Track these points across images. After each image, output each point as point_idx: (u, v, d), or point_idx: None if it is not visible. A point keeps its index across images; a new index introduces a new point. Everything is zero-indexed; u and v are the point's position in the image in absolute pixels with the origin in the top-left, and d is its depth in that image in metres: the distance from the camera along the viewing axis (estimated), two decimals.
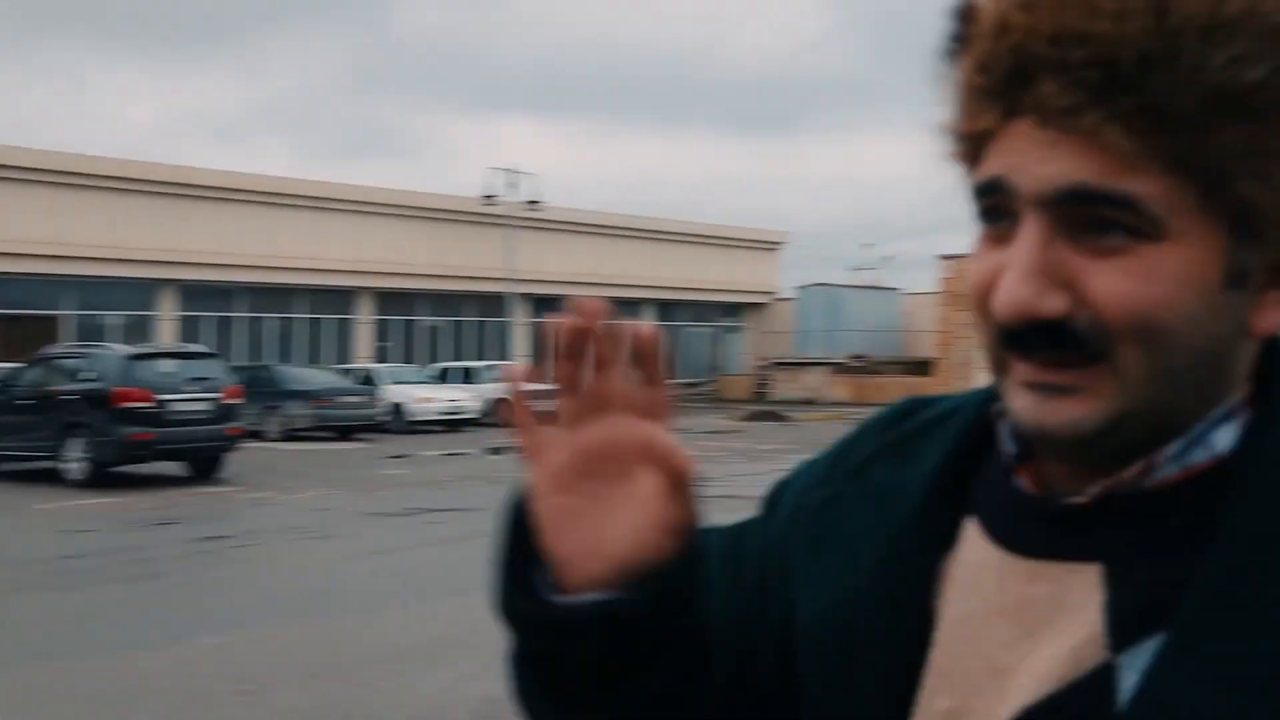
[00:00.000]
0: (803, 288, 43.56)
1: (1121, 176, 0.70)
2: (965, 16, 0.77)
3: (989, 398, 0.87)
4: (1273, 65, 0.69)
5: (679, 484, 0.79)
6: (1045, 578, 0.80)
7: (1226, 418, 0.78)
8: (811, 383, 39.09)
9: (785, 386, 39.56)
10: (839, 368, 39.53)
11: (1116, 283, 0.72)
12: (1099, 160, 0.70)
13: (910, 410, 0.96)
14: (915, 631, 0.83)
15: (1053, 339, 0.73)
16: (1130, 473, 0.78)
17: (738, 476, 17.08)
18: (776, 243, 44.53)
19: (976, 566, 0.83)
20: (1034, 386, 0.76)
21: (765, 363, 41.91)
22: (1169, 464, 0.78)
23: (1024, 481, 0.83)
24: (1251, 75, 0.68)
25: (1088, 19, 0.70)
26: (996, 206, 0.76)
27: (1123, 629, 0.76)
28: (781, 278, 45.36)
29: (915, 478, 0.88)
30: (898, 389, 37.25)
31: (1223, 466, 0.77)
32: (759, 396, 39.37)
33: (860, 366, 39.74)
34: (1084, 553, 0.79)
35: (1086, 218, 0.72)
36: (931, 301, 38.38)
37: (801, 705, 0.88)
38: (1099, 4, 0.70)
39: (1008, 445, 0.84)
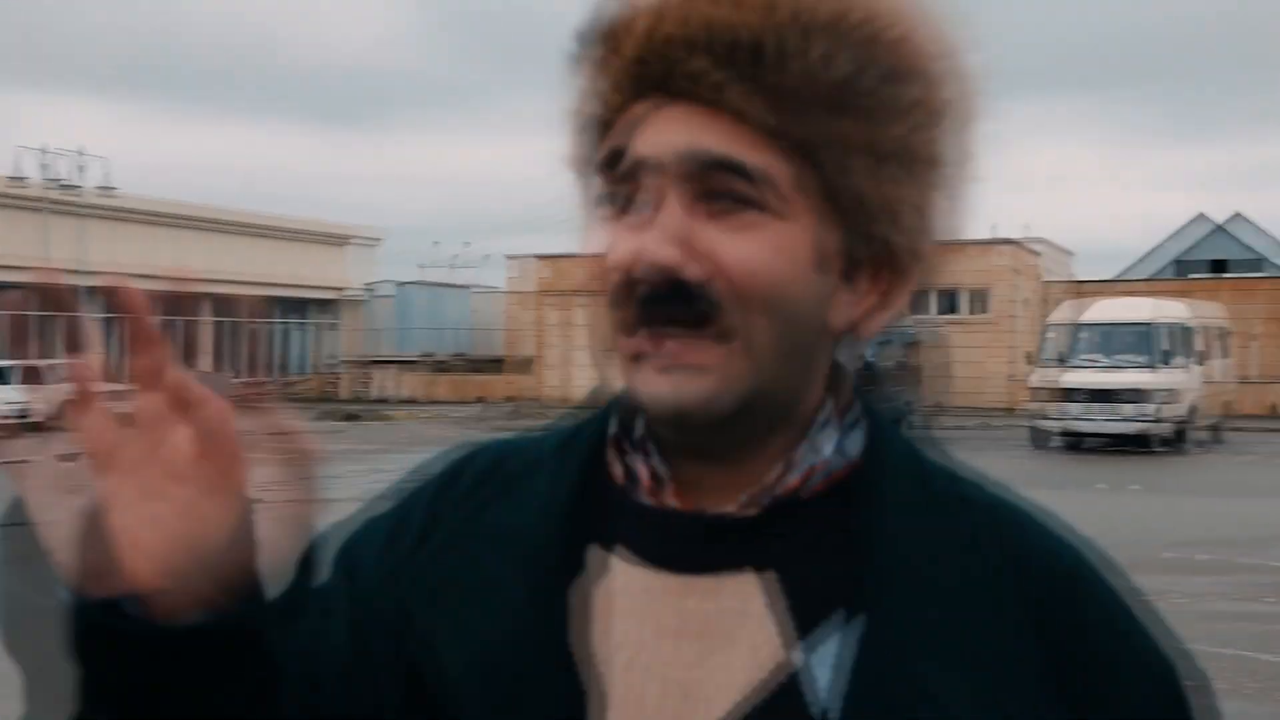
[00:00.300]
0: (400, 285, 43.36)
1: (746, 148, 0.78)
2: (608, 26, 0.83)
3: (596, 433, 0.90)
4: (856, 66, 0.78)
5: (235, 487, 0.74)
6: (715, 591, 0.83)
7: (855, 426, 0.86)
8: (411, 381, 38.97)
9: (384, 385, 39.18)
10: (439, 366, 39.66)
11: (739, 248, 0.78)
12: (725, 133, 0.78)
13: (503, 454, 0.96)
14: (567, 668, 0.83)
15: (683, 297, 0.78)
16: (774, 479, 0.83)
17: (339, 478, 16.75)
18: (372, 239, 44.10)
19: (635, 593, 0.84)
20: (669, 369, 0.80)
21: (362, 361, 41.33)
22: (817, 476, 0.84)
23: (673, 501, 0.85)
24: (839, 72, 0.78)
25: (720, 11, 0.79)
26: (633, 193, 0.81)
27: (801, 628, 0.81)
28: (377, 274, 44.93)
29: (534, 515, 0.88)
30: (499, 386, 37.89)
31: (858, 471, 0.85)
32: (356, 395, 38.75)
33: (460, 364, 40.06)
34: (749, 561, 0.83)
35: (716, 188, 0.79)
36: (531, 300, 39.31)
37: None
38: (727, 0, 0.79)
39: (656, 466, 0.86)
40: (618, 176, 0.82)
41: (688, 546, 0.84)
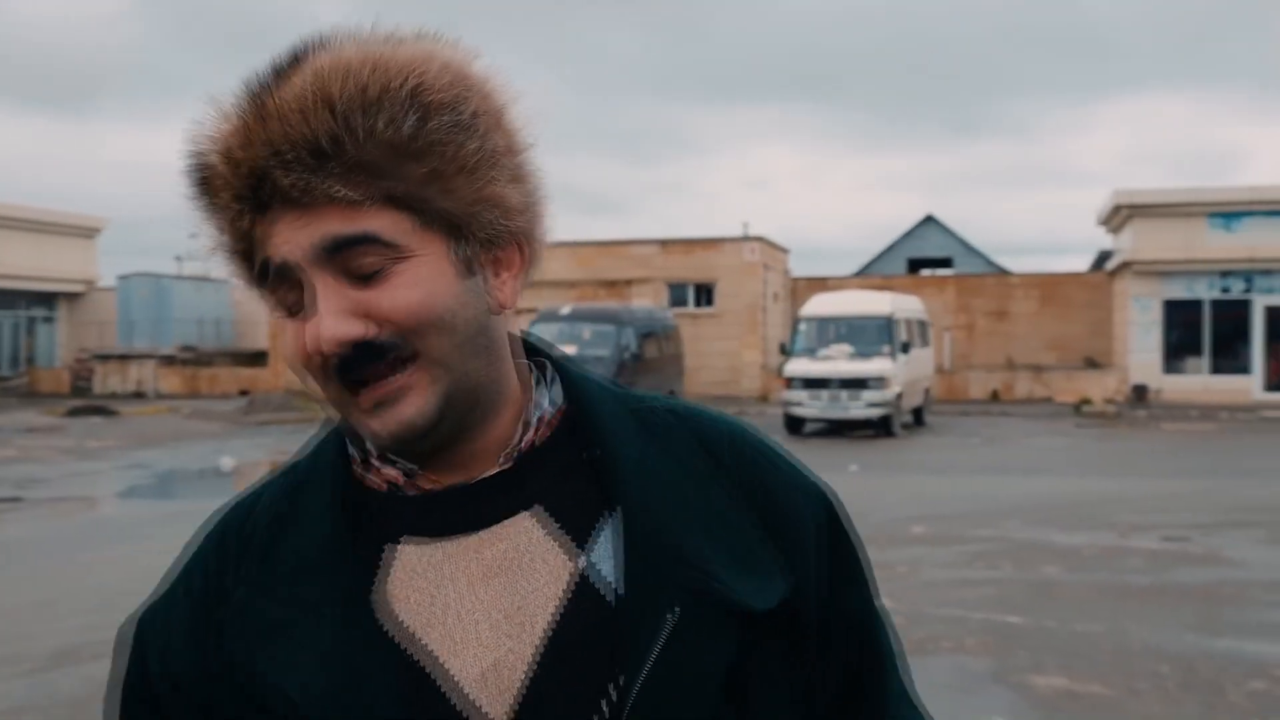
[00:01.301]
0: (124, 277, 41.03)
1: (357, 222, 0.91)
2: (202, 171, 0.96)
3: (327, 460, 1.02)
4: (417, 119, 0.92)
5: None
6: (501, 536, 0.97)
7: (552, 381, 1.05)
8: (139, 375, 37.20)
9: (109, 380, 37.24)
10: (168, 360, 37.99)
11: (392, 299, 0.92)
12: (338, 216, 0.91)
13: (249, 510, 1.03)
14: (385, 648, 0.94)
15: (372, 356, 0.92)
16: (518, 437, 1.00)
17: (72, 477, 16.23)
18: (93, 229, 41.61)
19: (436, 564, 0.97)
20: (374, 408, 0.93)
21: (85, 355, 39.03)
22: (543, 425, 1.02)
23: (434, 486, 0.99)
24: (408, 129, 0.91)
25: (285, 126, 0.91)
26: (287, 293, 0.94)
27: (576, 541, 0.97)
28: (100, 266, 42.41)
29: (316, 539, 0.98)
30: (230, 380, 36.70)
31: (567, 414, 1.04)
32: (80, 391, 36.65)
33: (190, 358, 38.51)
34: (518, 505, 0.98)
35: (351, 262, 0.91)
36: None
37: None
38: (289, 117, 0.91)
39: (404, 466, 0.99)
40: (274, 285, 0.94)
41: (465, 512, 0.98)
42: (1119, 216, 30.83)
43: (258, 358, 38.58)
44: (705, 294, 33.59)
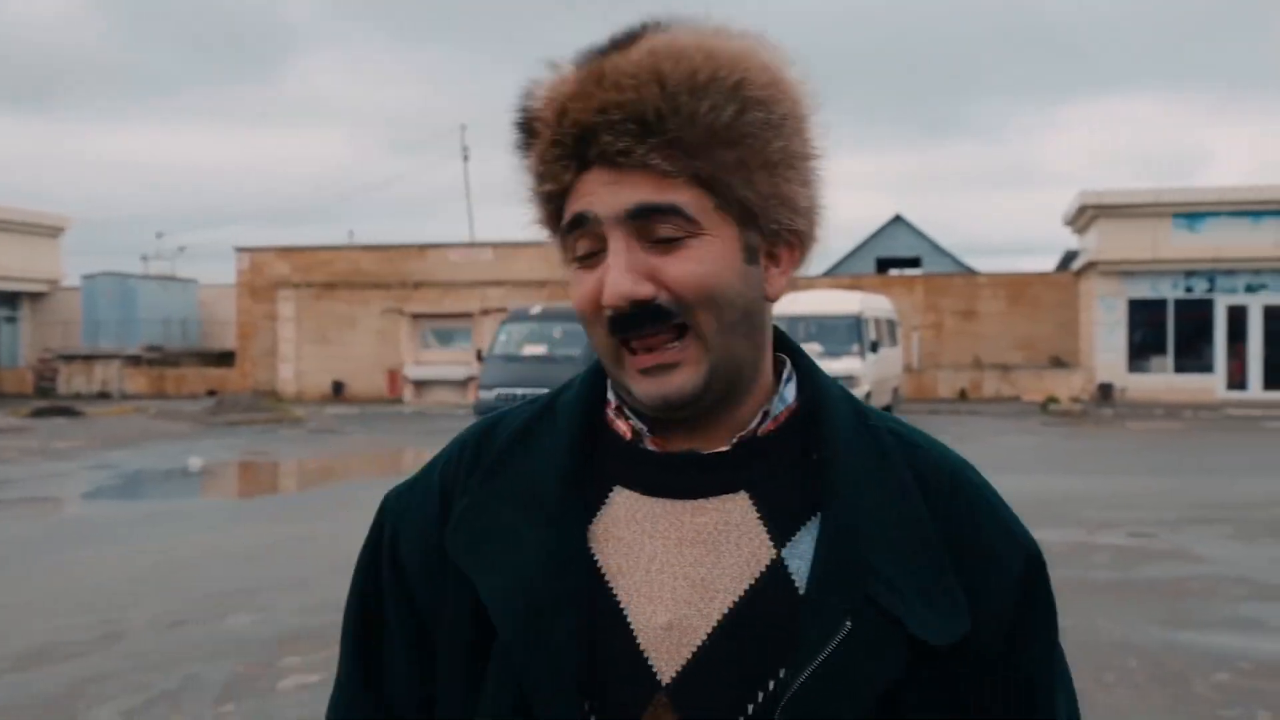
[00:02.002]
0: (88, 276, 40.64)
1: (666, 193, 0.98)
2: (528, 119, 1.04)
3: (582, 399, 1.10)
4: (736, 110, 0.99)
5: None
6: (709, 510, 1.03)
7: (789, 379, 1.09)
8: (104, 376, 36.87)
9: (74, 380, 36.89)
10: (133, 360, 37.66)
11: (681, 268, 0.99)
12: (651, 184, 0.99)
13: (489, 428, 1.14)
14: (584, 582, 1.01)
15: (650, 316, 0.99)
16: (755, 424, 1.05)
17: (39, 478, 16.08)
18: (57, 228, 41.20)
19: (647, 517, 1.04)
20: (648, 371, 1.01)
21: (49, 355, 38.63)
22: (769, 418, 1.06)
23: (656, 447, 1.06)
24: (725, 116, 0.99)
25: (619, 93, 0.99)
26: (586, 243, 1.01)
27: (779, 532, 1.02)
28: (64, 265, 41.98)
29: (549, 468, 1.06)
30: (197, 381, 36.43)
31: (796, 413, 1.08)
32: (44, 391, 36.28)
33: (157, 359, 38.20)
34: (732, 486, 1.04)
35: (651, 227, 0.99)
36: (230, 293, 37.96)
37: (501, 666, 1.01)
38: (623, 82, 0.99)
39: (636, 424, 1.06)
40: (574, 234, 1.03)
41: (687, 478, 1.05)
42: (1085, 217, 31.11)
43: (225, 358, 38.33)
44: None
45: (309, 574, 9.00)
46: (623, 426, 1.08)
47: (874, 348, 23.16)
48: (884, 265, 46.17)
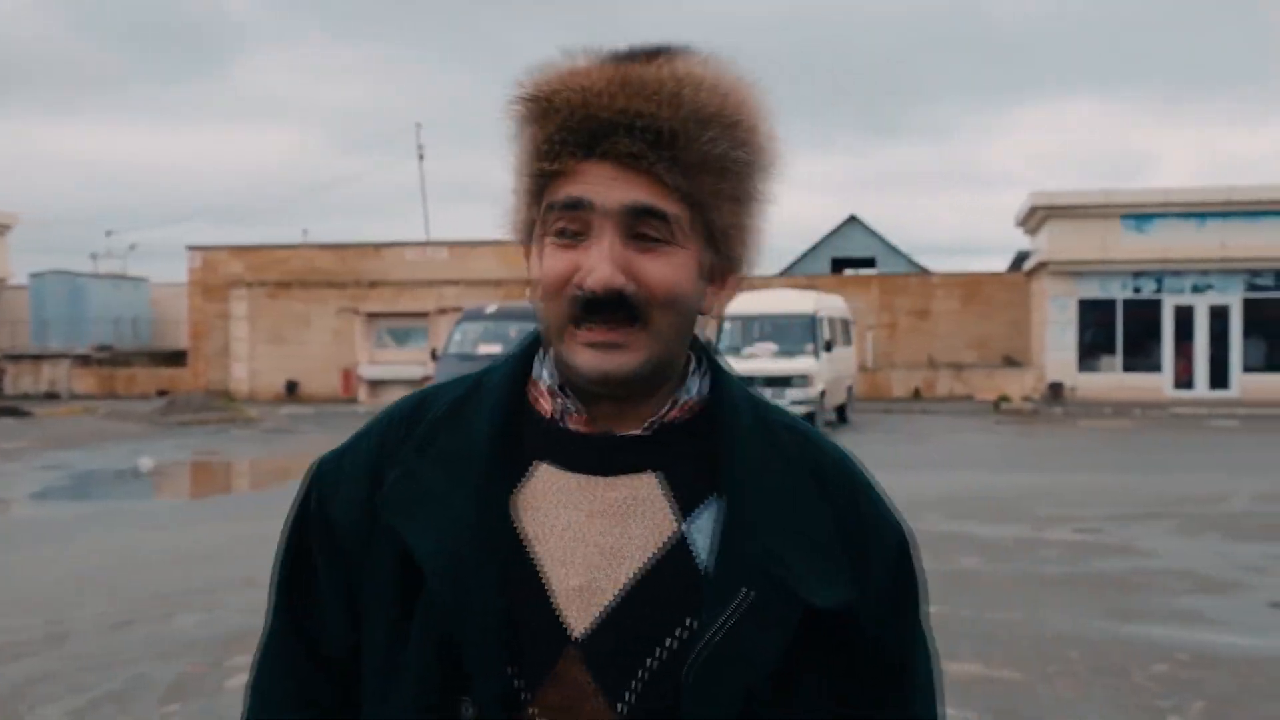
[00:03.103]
0: (36, 275, 40.04)
1: (661, 201, 1.09)
2: (538, 96, 1.12)
3: (509, 377, 1.19)
4: (728, 146, 1.11)
5: None
6: (621, 486, 1.14)
7: (701, 373, 1.20)
8: (52, 376, 36.35)
9: (21, 381, 36.34)
10: (83, 360, 37.16)
11: (657, 270, 1.10)
12: (651, 190, 1.09)
13: (419, 403, 1.23)
14: (506, 545, 1.12)
15: (616, 304, 1.09)
16: (664, 411, 1.16)
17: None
18: (3, 225, 40.56)
19: (561, 490, 1.14)
20: (596, 345, 1.10)
21: (24, 355, 38.02)
22: (677, 405, 1.17)
23: (580, 427, 1.16)
24: (719, 150, 1.11)
25: (642, 103, 1.09)
26: (568, 222, 1.10)
27: (682, 508, 1.13)
28: (11, 263, 41.35)
29: (477, 440, 1.15)
30: (148, 381, 36.01)
31: (703, 403, 1.19)
32: (23, 392, 35.72)
33: (107, 358, 37.71)
34: (643, 465, 1.15)
35: (638, 226, 1.09)
36: (182, 292, 37.54)
37: (426, 617, 1.11)
38: (647, 94, 1.09)
39: (561, 403, 1.16)
40: (562, 213, 1.11)
41: (602, 456, 1.15)
42: (1036, 218, 31.45)
43: (177, 357, 37.92)
44: None
45: (258, 573, 8.91)
46: (545, 405, 1.18)
47: (828, 347, 23.26)
48: (839, 265, 46.43)
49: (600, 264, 1.09)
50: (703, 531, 1.13)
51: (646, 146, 1.09)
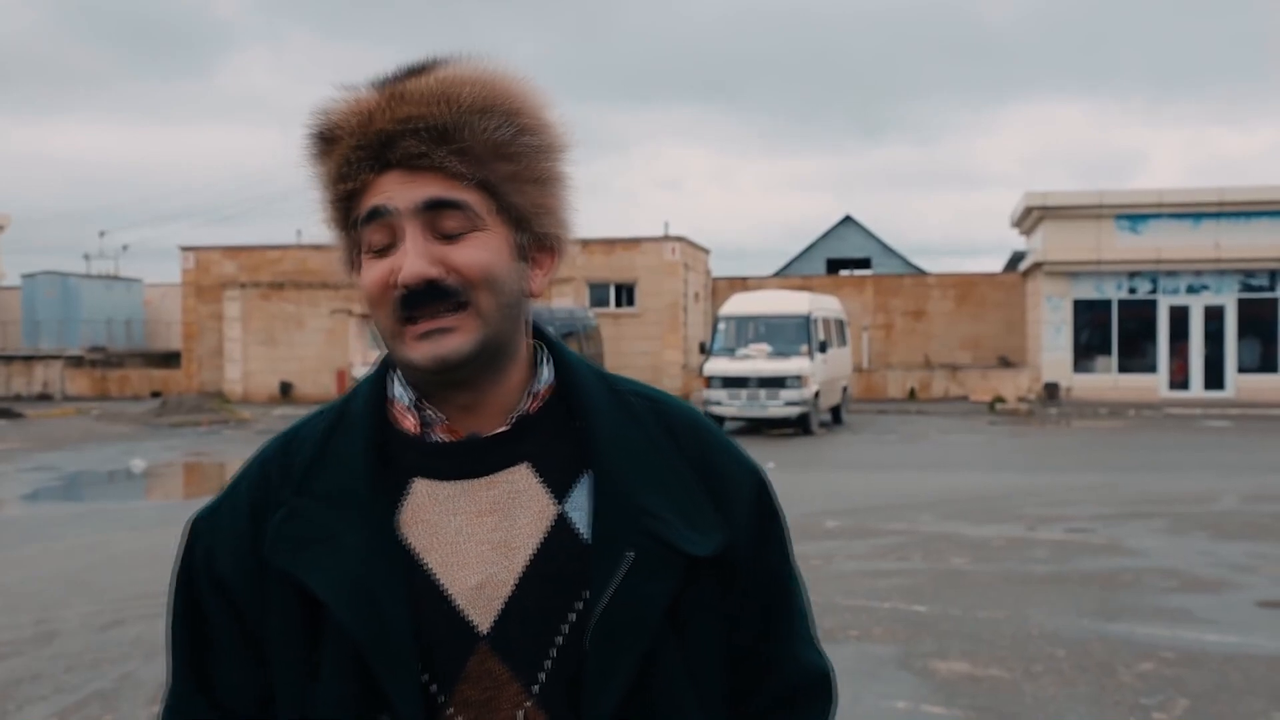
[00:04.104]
0: (28, 276, 39.99)
1: (455, 192, 1.16)
2: (327, 128, 1.19)
3: (370, 403, 1.23)
4: (514, 131, 1.18)
5: None
6: (497, 483, 1.20)
7: (546, 361, 1.27)
8: (45, 377, 36.30)
9: (13, 381, 36.29)
10: (75, 361, 37.12)
11: (467, 254, 1.16)
12: (442, 184, 1.16)
13: (285, 445, 1.26)
14: (400, 563, 1.16)
15: (437, 294, 1.15)
16: (522, 404, 1.22)
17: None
18: None
19: (442, 499, 1.19)
20: (426, 335, 1.16)
21: (13, 356, 37.98)
22: (533, 397, 1.24)
23: (446, 436, 1.21)
24: (506, 136, 1.18)
25: (419, 108, 1.16)
26: (378, 234, 1.16)
27: (558, 491, 1.20)
28: (3, 264, 41.29)
29: (352, 470, 1.20)
30: (141, 382, 35.97)
31: (555, 389, 1.26)
32: (16, 394, 35.64)
33: (99, 359, 37.67)
34: (513, 459, 1.21)
35: (441, 221, 1.16)
36: (176, 292, 37.48)
37: (336, 650, 1.15)
38: (422, 101, 1.16)
39: (425, 414, 1.22)
40: (369, 228, 1.17)
41: (474, 459, 1.20)
42: (1031, 218, 31.48)
43: (170, 358, 37.89)
44: (626, 294, 33.67)
45: None
46: (410, 423, 1.23)
47: (823, 348, 23.27)
48: (834, 266, 46.45)
49: (411, 259, 1.14)
50: (580, 508, 1.20)
51: (431, 145, 1.15)
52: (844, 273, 44.65)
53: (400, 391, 1.24)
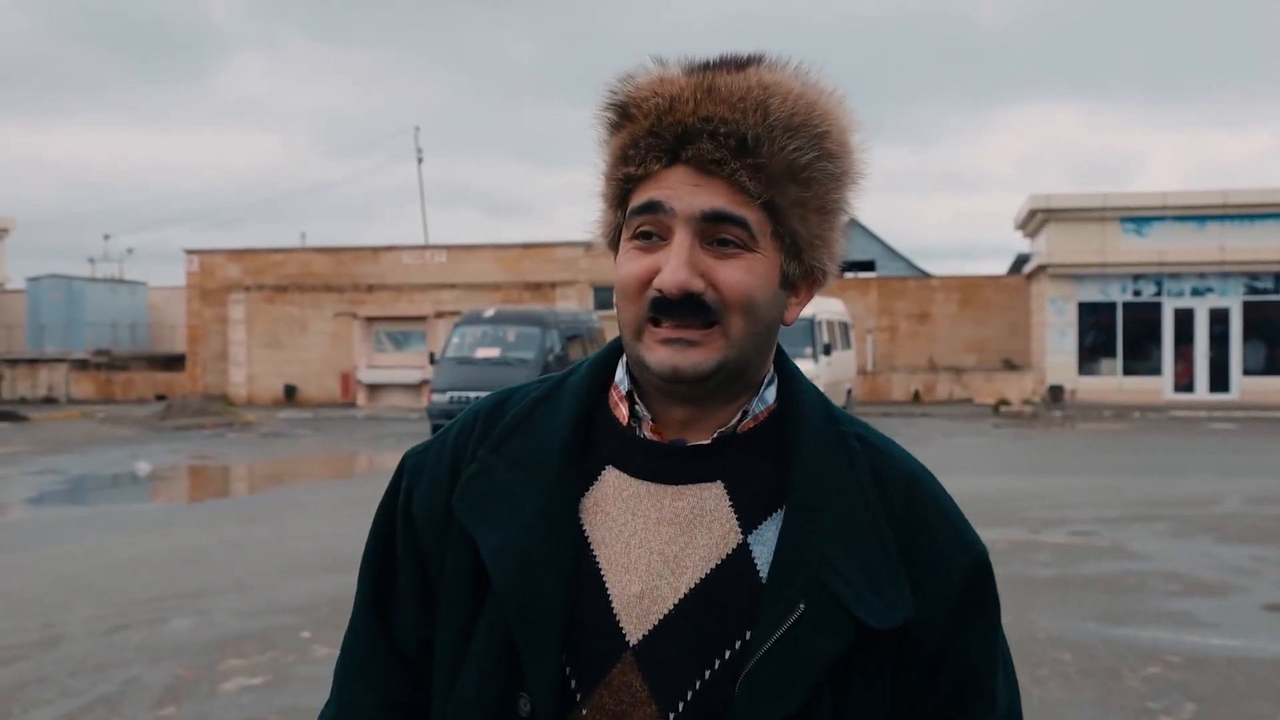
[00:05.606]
0: (33, 279, 40.02)
1: (740, 207, 1.10)
2: (627, 102, 1.15)
3: (588, 382, 1.21)
4: (814, 156, 1.12)
5: None
6: (687, 495, 1.15)
7: (770, 383, 1.20)
8: (50, 380, 36.34)
9: (18, 385, 36.33)
10: (80, 364, 37.15)
11: (733, 274, 1.11)
12: (728, 196, 1.11)
13: (501, 402, 1.26)
14: (571, 547, 1.13)
15: (691, 306, 1.11)
16: (735, 421, 1.16)
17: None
18: (0, 229, 40.58)
19: (628, 497, 1.15)
20: (670, 341, 1.12)
21: (20, 359, 38.01)
22: (748, 417, 1.17)
23: (651, 435, 1.18)
24: (804, 159, 1.12)
25: (728, 110, 1.11)
26: (648, 225, 1.12)
27: (746, 520, 1.14)
28: (8, 267, 41.35)
29: (551, 443, 1.18)
30: (146, 385, 35.99)
31: (774, 414, 1.19)
32: (21, 397, 35.67)
33: (104, 362, 37.71)
34: (710, 476, 1.15)
35: (716, 232, 1.11)
36: (180, 296, 37.52)
37: (492, 616, 1.14)
38: (733, 101, 1.11)
39: (638, 409, 1.18)
40: (642, 216, 1.13)
41: (671, 465, 1.16)
42: (1035, 221, 31.44)
43: (175, 362, 37.90)
44: None
45: (251, 577, 8.95)
46: (622, 412, 1.19)
47: (827, 350, 23.26)
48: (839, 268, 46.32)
49: (675, 267, 1.10)
50: (766, 544, 1.13)
51: (729, 153, 1.10)
52: (848, 275, 44.61)
53: (623, 376, 1.21)
